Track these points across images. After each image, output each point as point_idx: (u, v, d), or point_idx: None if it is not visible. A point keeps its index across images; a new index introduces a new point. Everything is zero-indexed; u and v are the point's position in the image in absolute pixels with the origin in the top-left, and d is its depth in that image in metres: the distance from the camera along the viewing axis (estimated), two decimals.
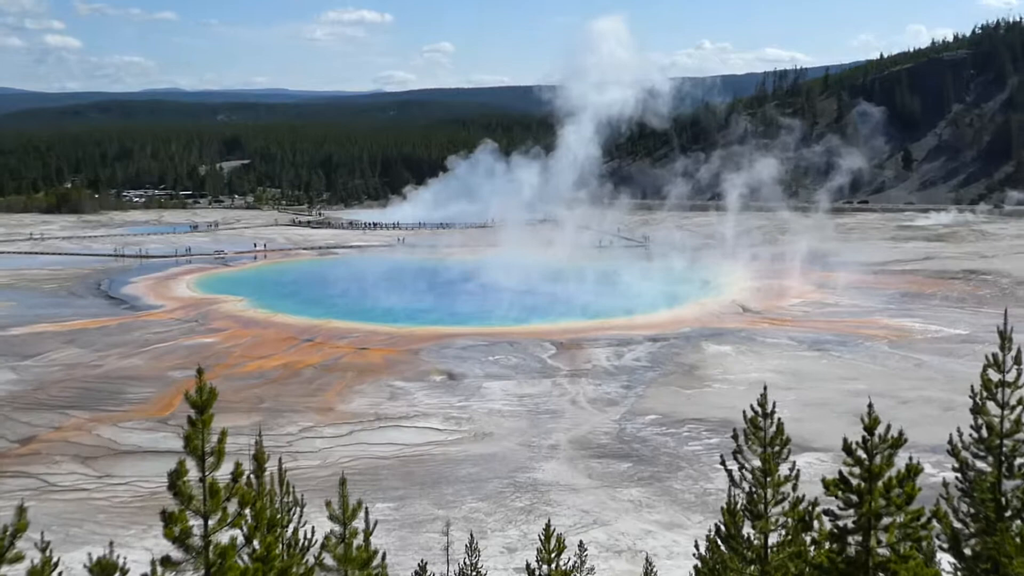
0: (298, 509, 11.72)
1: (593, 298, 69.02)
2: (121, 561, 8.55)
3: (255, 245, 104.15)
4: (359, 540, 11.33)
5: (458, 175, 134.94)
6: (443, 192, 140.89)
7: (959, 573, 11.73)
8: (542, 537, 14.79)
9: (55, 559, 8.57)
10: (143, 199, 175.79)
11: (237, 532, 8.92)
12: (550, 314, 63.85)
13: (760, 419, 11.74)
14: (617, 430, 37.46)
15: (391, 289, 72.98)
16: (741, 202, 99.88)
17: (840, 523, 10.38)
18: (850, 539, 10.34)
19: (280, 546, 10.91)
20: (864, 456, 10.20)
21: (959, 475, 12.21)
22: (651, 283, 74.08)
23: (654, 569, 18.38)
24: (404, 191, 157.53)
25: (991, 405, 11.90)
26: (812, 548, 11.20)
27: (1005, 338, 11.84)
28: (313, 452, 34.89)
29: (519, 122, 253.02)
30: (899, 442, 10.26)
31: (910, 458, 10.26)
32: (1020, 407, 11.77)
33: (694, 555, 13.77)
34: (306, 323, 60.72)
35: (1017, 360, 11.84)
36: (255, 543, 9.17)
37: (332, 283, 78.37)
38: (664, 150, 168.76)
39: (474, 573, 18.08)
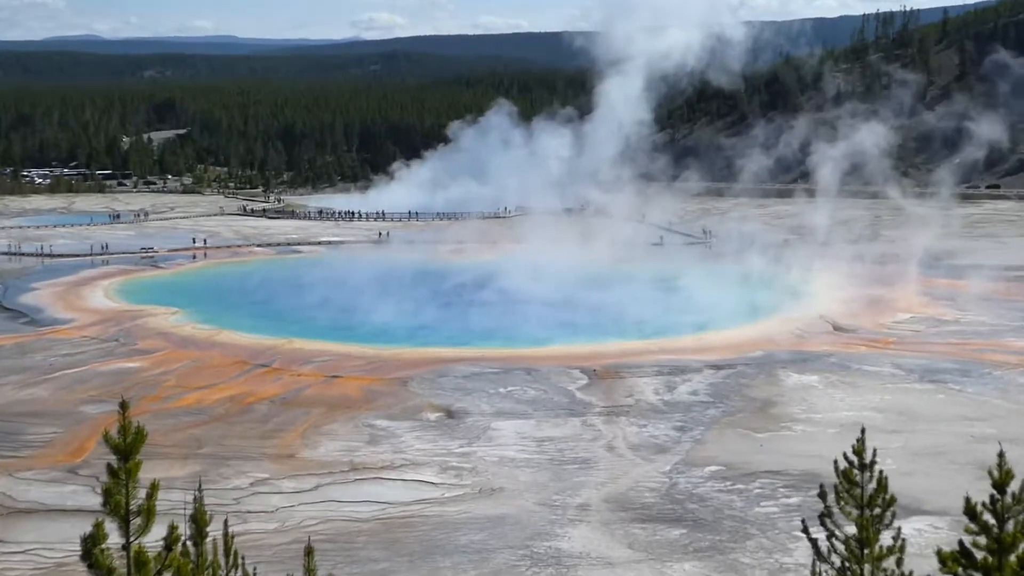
0: None
1: (636, 312, 68.93)
2: None
3: (194, 241, 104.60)
4: None
5: (463, 147, 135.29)
6: (442, 170, 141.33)
7: None
8: None
9: None
10: (48, 180, 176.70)
11: None
12: (580, 333, 63.83)
13: (856, 472, 11.72)
14: (667, 486, 37.39)
15: (372, 299, 73.01)
16: (834, 185, 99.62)
17: None
18: None
19: None
20: (992, 522, 10.17)
21: None
22: (713, 292, 73.90)
23: None
24: (391, 169, 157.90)
25: None
26: None
27: None
28: (268, 512, 34.94)
29: (540, 80, 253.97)
30: None
31: None
32: None
33: None
34: (260, 343, 60.89)
35: None
36: None
37: (295, 291, 78.55)
38: (733, 116, 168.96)
39: None
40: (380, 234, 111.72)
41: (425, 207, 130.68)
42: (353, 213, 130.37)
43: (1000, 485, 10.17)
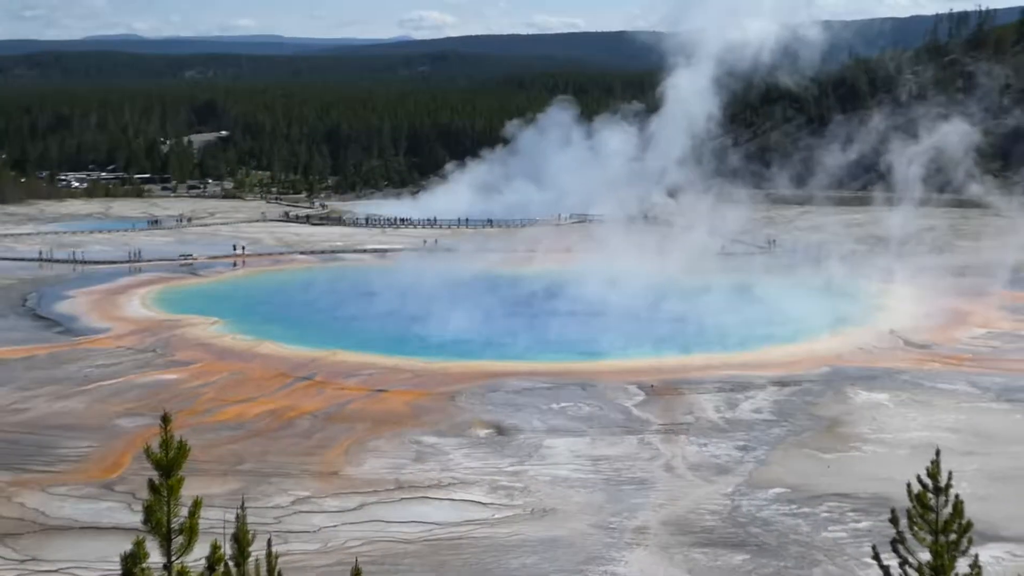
0: None
1: (695, 325, 68.79)
2: None
3: (235, 248, 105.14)
4: None
5: (520, 149, 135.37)
6: (499, 173, 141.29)
7: None
8: None
9: None
10: (85, 184, 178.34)
11: None
12: (637, 346, 63.69)
13: (930, 496, 11.66)
14: (729, 508, 37.25)
15: (419, 310, 73.22)
16: (907, 191, 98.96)
17: None
18: None
19: None
20: None
21: None
22: (777, 305, 73.63)
23: None
24: (444, 171, 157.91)
25: None
26: None
27: None
28: (311, 532, 35.08)
29: (597, 82, 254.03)
30: None
31: None
32: None
33: None
34: (303, 355, 61.20)
35: None
36: None
37: (339, 301, 78.94)
38: (800, 120, 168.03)
39: None
40: (425, 242, 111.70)
41: (478, 213, 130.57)
42: (400, 220, 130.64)
43: None
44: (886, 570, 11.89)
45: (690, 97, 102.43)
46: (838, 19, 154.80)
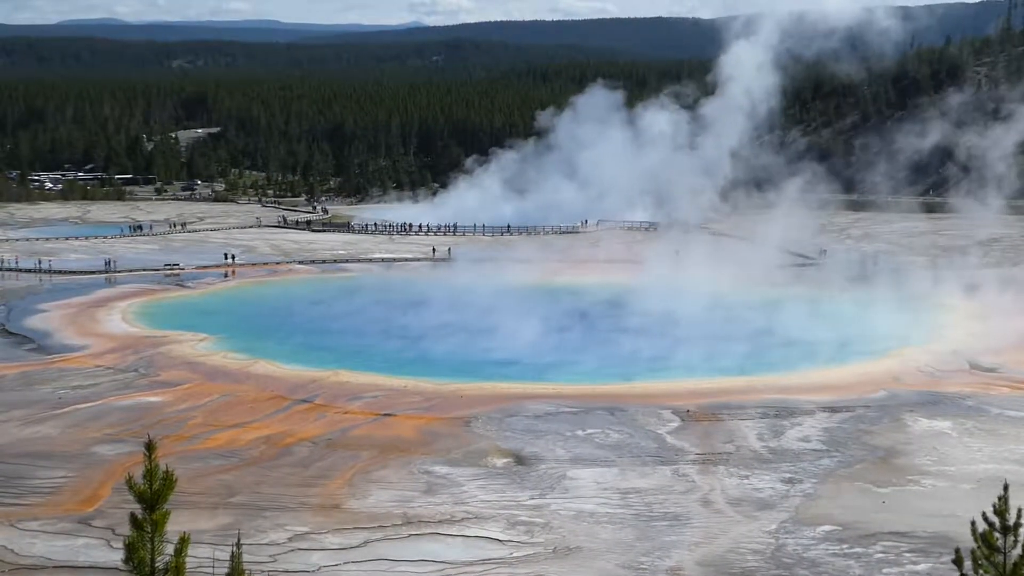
0: None
1: (735, 343, 68.71)
2: None
3: (226, 257, 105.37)
4: None
5: (552, 141, 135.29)
6: (527, 171, 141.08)
7: None
8: None
9: None
10: (60, 186, 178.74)
11: None
12: (670, 367, 63.71)
13: (997, 536, 11.63)
14: (772, 548, 37.19)
15: (430, 327, 73.35)
16: (973, 198, 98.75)
17: None
18: None
19: None
20: None
21: None
22: (828, 321, 73.53)
23: None
24: (465, 166, 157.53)
25: None
26: None
27: None
28: (310, 572, 35.12)
29: (628, 73, 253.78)
30: None
31: None
32: None
33: None
34: (301, 375, 61.28)
35: None
36: None
37: (342, 316, 79.01)
38: (854, 116, 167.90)
39: None
40: (435, 251, 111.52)
41: (503, 216, 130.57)
42: (410, 226, 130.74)
43: None
44: None
45: (749, 82, 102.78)
46: (894, 4, 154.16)
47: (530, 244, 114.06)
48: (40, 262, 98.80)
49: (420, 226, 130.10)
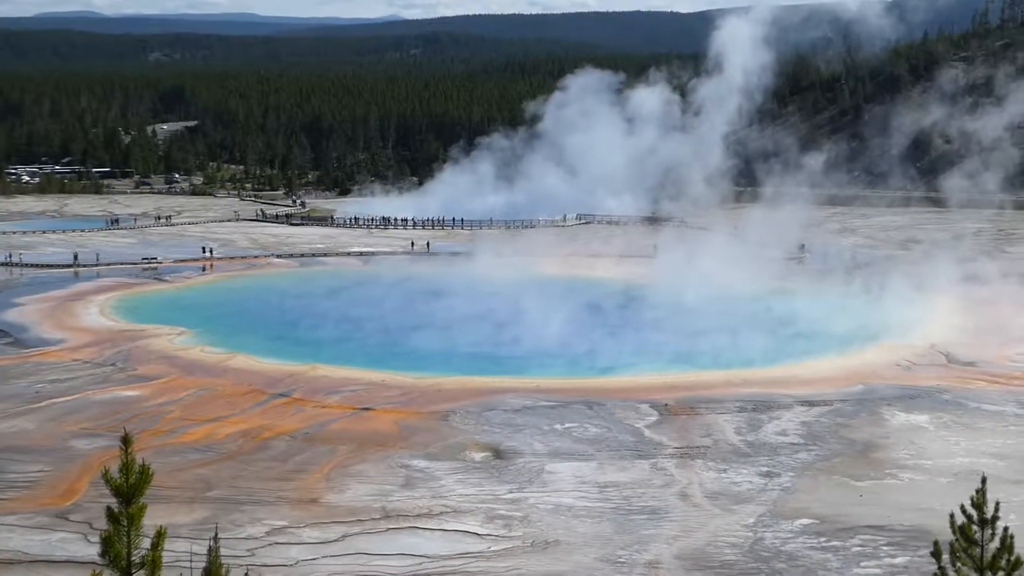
0: None
1: (713, 337, 68.67)
2: None
3: (204, 250, 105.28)
4: None
5: (544, 132, 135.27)
6: (514, 162, 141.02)
7: None
8: None
9: None
10: (37, 179, 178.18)
11: None
12: (649, 361, 63.71)
13: (975, 529, 11.64)
14: (750, 541, 37.22)
15: (408, 320, 73.33)
16: (950, 192, 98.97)
17: None
18: None
19: None
20: None
21: None
22: (805, 316, 73.66)
23: None
24: (449, 155, 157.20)
25: None
26: None
27: None
28: (288, 566, 35.05)
29: (612, 66, 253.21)
30: None
31: None
32: None
33: None
34: (279, 369, 61.16)
35: None
36: None
37: (320, 310, 78.84)
38: (831, 111, 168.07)
39: None
40: (413, 244, 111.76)
41: (484, 210, 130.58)
42: (389, 220, 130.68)
43: None
44: None
45: (737, 68, 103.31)
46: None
47: (508, 238, 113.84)
48: (11, 255, 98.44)
49: (400, 220, 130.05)
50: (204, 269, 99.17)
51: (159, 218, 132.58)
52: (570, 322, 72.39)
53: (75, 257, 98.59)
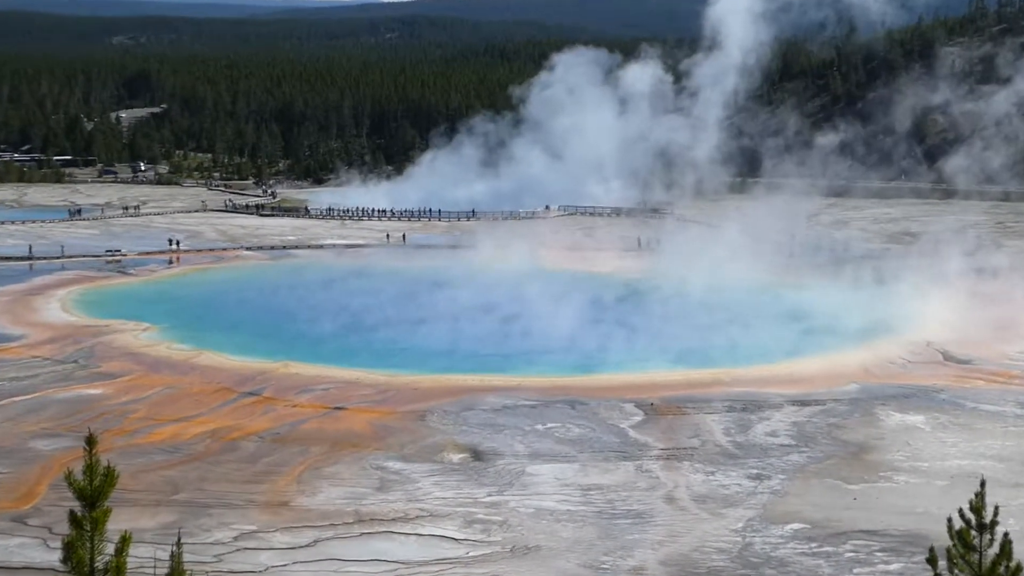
0: None
1: (700, 334, 68.79)
2: None
3: (171, 242, 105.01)
4: None
5: (529, 117, 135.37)
6: (499, 148, 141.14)
7: None
8: None
9: None
10: None
11: None
12: (633, 358, 63.73)
13: (973, 534, 11.66)
14: (739, 546, 37.26)
15: (382, 315, 73.27)
16: (947, 183, 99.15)
17: None
18: None
19: None
20: None
21: None
22: (796, 311, 73.80)
23: None
24: (430, 140, 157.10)
25: None
26: None
27: None
28: (257, 572, 34.95)
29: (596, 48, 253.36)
30: None
31: None
32: None
33: None
34: (249, 367, 61.09)
35: None
36: None
37: (291, 305, 78.80)
38: (823, 99, 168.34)
39: None
40: (389, 236, 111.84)
41: (467, 199, 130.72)
42: (364, 211, 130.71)
43: None
44: None
45: (734, 47, 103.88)
46: None
47: (488, 230, 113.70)
48: None
49: (376, 211, 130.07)
50: (170, 262, 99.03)
51: (125, 208, 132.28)
52: (552, 318, 72.34)
53: (29, 249, 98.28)
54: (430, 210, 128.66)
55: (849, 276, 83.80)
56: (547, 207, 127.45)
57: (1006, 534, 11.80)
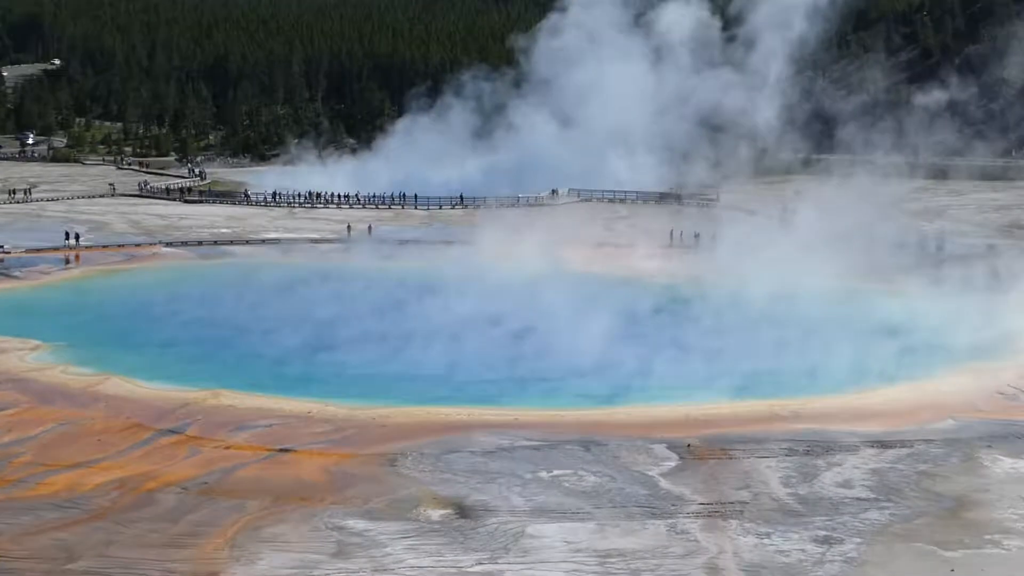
0: None
1: (746, 355, 68.62)
2: None
3: (68, 236, 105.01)
4: None
5: (535, 75, 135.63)
6: (491, 119, 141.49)
7: None
8: None
9: None
10: None
11: None
12: (664, 387, 63.53)
13: None
14: None
15: (340, 330, 73.28)
16: None
17: None
18: None
19: None
20: None
21: None
22: (875, 326, 73.79)
23: None
24: (407, 105, 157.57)
25: None
26: None
27: None
28: None
29: None
30: None
31: None
32: None
33: None
34: (169, 396, 61.03)
35: None
36: None
37: (225, 317, 78.87)
38: (909, 53, 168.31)
39: None
40: (351, 229, 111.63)
41: (457, 180, 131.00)
42: (320, 196, 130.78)
43: None
44: None
45: None
46: None
47: (475, 221, 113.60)
48: None
49: (335, 196, 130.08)
50: (68, 262, 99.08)
51: (11, 192, 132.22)
52: (556, 333, 72.34)
53: None
54: (404, 195, 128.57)
55: (943, 280, 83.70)
56: (554, 192, 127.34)
57: None
